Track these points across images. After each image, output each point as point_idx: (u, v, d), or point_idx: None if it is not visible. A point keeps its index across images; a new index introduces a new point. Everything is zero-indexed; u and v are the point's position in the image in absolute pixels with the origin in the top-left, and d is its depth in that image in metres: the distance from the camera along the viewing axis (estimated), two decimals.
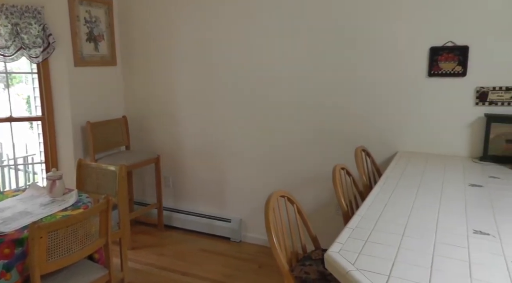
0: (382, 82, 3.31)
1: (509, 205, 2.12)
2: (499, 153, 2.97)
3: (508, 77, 2.98)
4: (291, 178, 3.78)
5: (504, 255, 1.59)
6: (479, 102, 3.06)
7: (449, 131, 3.17)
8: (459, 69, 3.07)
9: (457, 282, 1.40)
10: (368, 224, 1.89)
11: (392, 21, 3.20)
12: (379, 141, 3.39)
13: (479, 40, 3.00)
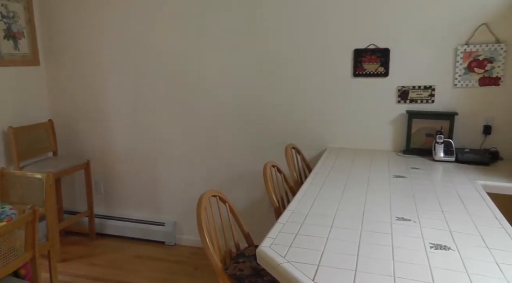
0: (312, 82, 3.41)
1: (428, 193, 2.25)
2: (420, 146, 3.18)
3: (426, 77, 3.18)
4: (224, 177, 3.78)
5: (423, 238, 1.69)
6: (401, 100, 3.24)
7: (374, 127, 3.33)
8: (381, 70, 3.23)
9: (381, 265, 1.47)
10: (299, 218, 1.92)
11: (320, 24, 3.31)
12: (309, 138, 3.49)
13: (398, 43, 3.18)
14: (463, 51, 3.07)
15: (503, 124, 3.10)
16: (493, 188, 2.49)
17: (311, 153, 3.51)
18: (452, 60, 3.12)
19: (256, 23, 3.45)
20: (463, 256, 1.54)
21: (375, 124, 3.33)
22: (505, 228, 1.81)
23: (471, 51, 3.06)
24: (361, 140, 3.38)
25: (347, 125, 3.39)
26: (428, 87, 3.18)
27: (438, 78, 3.16)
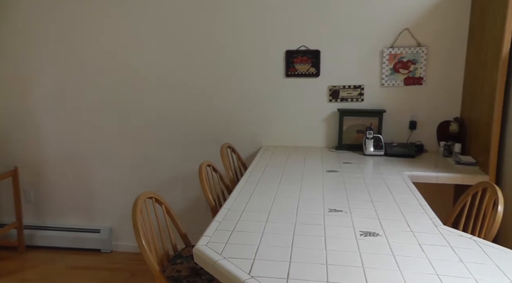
0: (246, 82, 3.44)
1: (359, 185, 2.35)
2: (351, 142, 3.31)
3: (355, 77, 3.32)
4: (161, 179, 3.72)
5: (353, 227, 1.76)
6: (332, 99, 3.36)
7: (308, 125, 3.43)
8: (313, 70, 3.33)
9: (314, 255, 1.51)
10: (234, 216, 1.93)
11: (253, 25, 3.35)
12: (245, 137, 3.53)
13: (328, 45, 3.31)
14: (389, 54, 3.24)
15: (427, 120, 3.30)
16: (418, 177, 2.65)
17: (246, 152, 3.54)
18: (379, 62, 3.28)
19: (190, 23, 3.44)
20: (390, 241, 1.63)
21: (308, 122, 3.42)
22: (428, 213, 1.93)
23: (396, 53, 3.24)
24: (295, 138, 3.47)
25: (281, 124, 3.46)
26: (358, 86, 3.32)
27: (367, 78, 3.31)
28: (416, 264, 1.45)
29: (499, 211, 2.02)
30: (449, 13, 3.16)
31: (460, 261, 1.49)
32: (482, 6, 2.94)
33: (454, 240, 1.66)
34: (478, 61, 2.97)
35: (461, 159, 2.89)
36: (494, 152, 2.66)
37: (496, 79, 2.61)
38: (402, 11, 3.20)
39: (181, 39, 3.47)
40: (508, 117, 2.63)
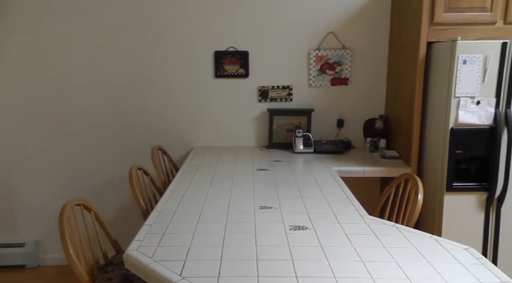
0: (176, 84, 3.40)
1: (289, 182, 2.40)
2: (281, 141, 3.37)
3: (284, 78, 3.39)
4: (90, 185, 3.57)
5: (283, 222, 1.79)
6: (262, 99, 3.40)
7: (238, 125, 3.45)
8: (242, 71, 3.36)
9: (245, 252, 1.51)
10: (166, 218, 1.90)
11: (181, 25, 3.31)
12: (176, 139, 3.48)
13: (257, 46, 3.35)
14: (315, 55, 3.34)
15: (353, 118, 3.44)
16: (346, 172, 2.76)
17: (178, 154, 3.50)
18: (306, 63, 3.38)
19: (117, 24, 3.33)
20: (318, 233, 1.67)
21: (239, 122, 3.45)
22: (354, 205, 2.01)
23: (322, 55, 3.34)
24: (226, 138, 3.48)
25: (212, 125, 3.46)
26: (286, 87, 3.39)
27: (295, 79, 3.39)
28: (342, 253, 1.51)
29: (419, 200, 2.15)
30: (371, 18, 3.33)
31: (383, 247, 1.56)
32: (400, 12, 3.13)
33: (378, 228, 1.74)
34: (398, 63, 3.15)
35: (386, 154, 3.04)
36: (416, 146, 2.83)
37: (415, 80, 2.78)
38: (327, 15, 3.31)
39: (108, 41, 3.35)
40: (427, 114, 2.80)
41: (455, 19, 2.67)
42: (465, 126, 2.51)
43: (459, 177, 2.58)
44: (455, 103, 2.48)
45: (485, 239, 2.64)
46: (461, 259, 1.50)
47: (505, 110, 2.51)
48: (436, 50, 2.67)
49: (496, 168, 2.55)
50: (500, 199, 2.60)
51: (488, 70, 2.45)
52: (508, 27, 2.71)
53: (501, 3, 2.67)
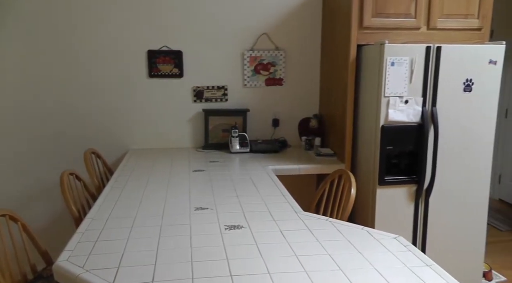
0: (108, 84, 3.28)
1: (225, 182, 2.40)
2: (218, 141, 3.37)
3: (218, 78, 3.39)
4: (18, 193, 3.36)
5: (219, 223, 1.79)
6: (197, 99, 3.38)
7: (174, 126, 3.40)
8: (176, 71, 3.31)
9: (180, 254, 1.49)
10: (99, 225, 1.83)
11: (113, 22, 3.20)
12: (110, 142, 3.37)
13: (191, 46, 3.32)
14: (249, 56, 3.37)
15: (288, 117, 3.51)
16: (282, 171, 2.81)
17: (112, 157, 3.38)
18: (241, 63, 3.39)
19: (47, 24, 3.16)
20: (253, 231, 1.69)
21: (174, 123, 3.40)
22: (289, 202, 2.05)
23: (256, 56, 3.38)
24: (162, 140, 3.42)
25: (147, 126, 3.38)
26: (221, 87, 3.39)
27: (230, 79, 3.40)
28: (277, 249, 1.53)
29: (352, 194, 2.23)
30: (303, 20, 3.41)
31: (317, 241, 1.61)
32: (331, 15, 3.23)
33: (312, 223, 1.78)
34: (330, 64, 3.24)
35: (321, 152, 3.12)
36: (349, 143, 2.93)
37: (347, 80, 2.87)
38: (260, 16, 3.35)
39: (34, 38, 3.17)
40: (359, 112, 2.91)
41: (383, 24, 2.80)
42: (394, 124, 2.64)
43: (390, 172, 2.70)
44: (385, 102, 2.60)
45: (415, 228, 2.79)
46: (390, 248, 1.57)
47: (431, 109, 2.66)
48: (365, 52, 2.78)
49: (424, 162, 2.70)
50: (428, 190, 2.75)
51: (415, 72, 2.59)
52: (431, 32, 2.88)
53: (424, 10, 2.84)
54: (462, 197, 2.82)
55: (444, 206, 2.80)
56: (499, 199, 5.23)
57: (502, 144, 5.14)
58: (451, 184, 2.79)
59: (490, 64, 2.70)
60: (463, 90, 2.69)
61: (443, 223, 2.82)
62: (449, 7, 2.85)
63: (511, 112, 4.99)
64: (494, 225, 4.41)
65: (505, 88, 5.06)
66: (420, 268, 1.43)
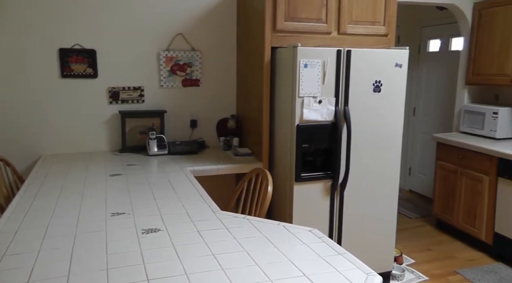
0: (18, 84, 3.06)
1: (143, 185, 2.37)
2: (135, 144, 3.30)
3: (134, 78, 3.32)
4: None
5: (136, 227, 1.77)
6: (113, 100, 3.28)
7: (89, 129, 3.28)
8: (90, 71, 3.19)
9: (95, 262, 1.46)
10: (6, 238, 1.72)
11: (21, 19, 3.00)
12: (20, 148, 3.16)
13: (105, 45, 3.21)
14: (165, 56, 3.34)
15: (205, 118, 3.53)
16: (201, 171, 2.82)
17: (23, 164, 3.18)
18: (157, 64, 3.35)
19: None
20: (171, 234, 1.69)
21: (90, 126, 3.28)
22: (207, 202, 2.08)
23: (172, 56, 3.35)
24: (77, 144, 3.28)
25: (61, 130, 3.22)
26: (138, 88, 3.33)
27: (146, 80, 3.35)
28: (194, 250, 1.55)
29: (269, 191, 2.30)
30: (218, 21, 3.44)
31: (234, 239, 1.65)
32: (245, 17, 3.29)
33: (230, 222, 1.83)
34: (246, 65, 3.31)
35: (239, 151, 3.18)
36: (266, 143, 3.01)
37: (262, 81, 2.95)
38: (175, 16, 3.33)
39: None
40: (275, 112, 3.00)
41: (295, 28, 2.91)
42: (309, 123, 2.75)
43: (306, 168, 2.82)
44: (299, 102, 2.70)
45: (331, 220, 2.94)
46: (305, 240, 1.66)
47: (344, 108, 2.81)
48: (280, 54, 2.87)
49: (338, 158, 2.85)
50: (342, 184, 2.91)
51: (327, 73, 2.73)
52: (342, 36, 3.05)
53: (334, 16, 2.99)
54: (374, 189, 3.02)
55: (358, 198, 2.98)
56: (409, 190, 5.65)
57: (412, 139, 5.57)
58: (364, 178, 2.97)
59: (396, 67, 2.92)
60: (372, 91, 2.88)
61: (357, 214, 3.00)
62: (357, 14, 3.04)
63: (419, 110, 5.41)
64: (404, 214, 4.76)
65: (412, 88, 5.49)
66: (333, 257, 1.53)
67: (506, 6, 3.78)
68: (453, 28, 4.71)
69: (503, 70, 3.82)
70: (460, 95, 4.41)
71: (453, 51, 4.84)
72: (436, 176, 4.23)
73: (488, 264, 3.57)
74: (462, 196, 3.90)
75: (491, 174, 3.59)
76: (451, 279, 3.34)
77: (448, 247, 3.92)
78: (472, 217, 3.81)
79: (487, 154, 3.61)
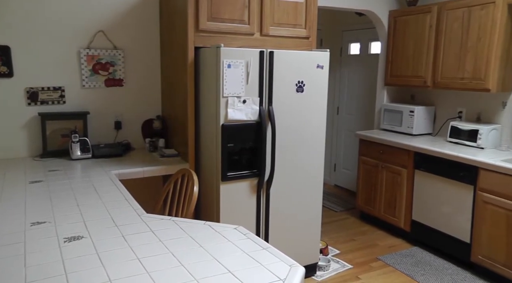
0: None
1: (65, 192, 2.28)
2: (57, 148, 3.15)
3: (54, 78, 3.17)
4: None
5: (57, 236, 1.71)
6: (31, 102, 3.11)
7: (5, 134, 3.07)
8: (4, 69, 3.00)
9: (11, 278, 1.38)
10: None
11: None
12: None
13: (20, 40, 3.02)
14: (86, 54, 3.23)
15: (130, 119, 3.46)
16: (126, 174, 2.77)
17: None
18: (78, 63, 3.23)
19: None
20: (94, 240, 1.66)
21: (6, 130, 3.08)
22: (133, 206, 2.06)
23: (93, 54, 3.25)
24: None
25: None
26: (58, 88, 3.19)
27: (67, 79, 3.21)
28: (119, 255, 1.53)
29: (195, 192, 2.32)
30: (140, 19, 3.38)
31: (160, 241, 1.66)
32: (168, 16, 3.27)
33: (156, 224, 1.83)
34: (170, 64, 3.29)
35: (165, 153, 3.16)
36: (192, 143, 3.02)
37: (187, 82, 2.95)
38: (96, 12, 3.22)
39: None
40: (200, 113, 3.01)
41: (219, 28, 2.94)
42: (234, 122, 2.80)
43: (233, 168, 2.86)
44: (224, 102, 2.74)
45: (258, 217, 3.01)
46: (230, 238, 1.70)
47: (268, 107, 2.89)
48: (203, 54, 2.89)
49: (264, 157, 2.92)
50: (268, 182, 2.99)
51: (251, 74, 2.78)
52: (264, 38, 3.12)
53: (257, 18, 3.06)
54: (300, 185, 3.13)
55: (284, 195, 3.08)
56: (334, 185, 5.90)
57: (336, 137, 5.82)
58: (289, 175, 3.07)
59: (318, 68, 3.04)
60: (296, 91, 2.98)
61: (283, 210, 3.10)
62: (279, 17, 3.13)
63: (342, 109, 5.67)
64: (330, 208, 4.97)
65: (336, 89, 5.74)
66: (257, 252, 1.58)
67: (417, 15, 4.09)
68: (372, 33, 4.99)
69: (417, 72, 4.13)
70: (380, 95, 4.69)
71: (373, 54, 5.13)
72: (359, 171, 4.46)
73: (406, 249, 3.85)
74: (383, 188, 4.16)
75: (409, 167, 3.87)
76: (373, 265, 3.56)
77: (370, 236, 4.16)
78: (392, 208, 4.08)
79: (405, 149, 3.88)
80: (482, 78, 3.54)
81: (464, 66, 3.68)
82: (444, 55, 3.86)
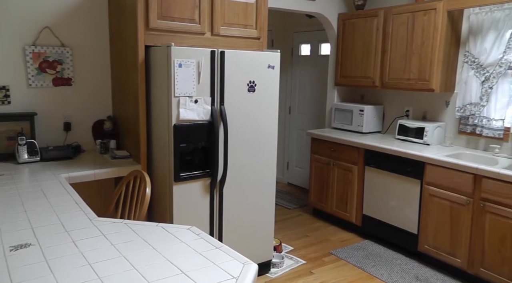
0: None
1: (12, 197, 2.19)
2: (3, 151, 3.00)
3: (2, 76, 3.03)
4: None
5: (2, 244, 1.63)
6: None
7: None
8: None
9: None
10: None
11: None
12: None
13: None
14: (32, 52, 3.11)
15: (80, 120, 3.37)
16: (77, 178, 2.70)
17: None
18: (23, 60, 3.11)
19: None
20: (43, 247, 1.61)
21: None
22: (83, 210, 2.02)
23: (40, 52, 3.14)
24: None
25: None
26: (2, 87, 3.06)
27: (12, 78, 3.09)
28: (69, 261, 1.50)
29: (147, 193, 2.31)
30: (89, 17, 3.29)
31: (112, 245, 1.64)
32: (117, 13, 3.21)
33: (107, 228, 1.81)
34: (120, 63, 3.24)
35: (116, 154, 3.11)
36: (143, 144, 2.99)
37: (137, 81, 2.91)
38: (41, 7, 3.10)
39: None
40: (152, 113, 2.98)
41: (169, 27, 2.92)
42: (186, 122, 2.80)
43: (185, 168, 2.86)
44: (175, 102, 2.73)
45: (211, 217, 3.02)
46: (183, 238, 1.71)
47: (220, 107, 2.90)
48: (154, 53, 2.86)
49: (216, 157, 2.94)
50: (221, 182, 3.01)
51: (202, 73, 2.79)
52: (215, 38, 3.13)
53: (208, 18, 3.07)
54: (253, 184, 3.18)
55: (237, 194, 3.11)
56: (288, 183, 5.99)
57: (288, 136, 5.92)
58: (242, 174, 3.11)
59: (269, 68, 3.09)
60: (247, 90, 3.01)
61: (237, 209, 3.13)
62: (230, 17, 3.15)
63: (294, 109, 5.77)
64: (283, 206, 5.05)
65: (287, 89, 5.83)
66: (210, 252, 1.61)
67: (365, 18, 4.24)
68: (322, 35, 5.11)
69: (366, 73, 4.28)
70: (331, 95, 4.82)
71: (323, 55, 5.26)
72: (311, 168, 4.57)
73: (358, 243, 3.99)
74: (335, 185, 4.28)
75: (359, 164, 4.01)
76: (326, 259, 3.66)
77: (323, 232, 4.27)
78: (344, 203, 4.20)
79: (355, 147, 4.02)
80: (426, 79, 3.72)
81: (410, 67, 3.85)
82: (391, 57, 4.03)
